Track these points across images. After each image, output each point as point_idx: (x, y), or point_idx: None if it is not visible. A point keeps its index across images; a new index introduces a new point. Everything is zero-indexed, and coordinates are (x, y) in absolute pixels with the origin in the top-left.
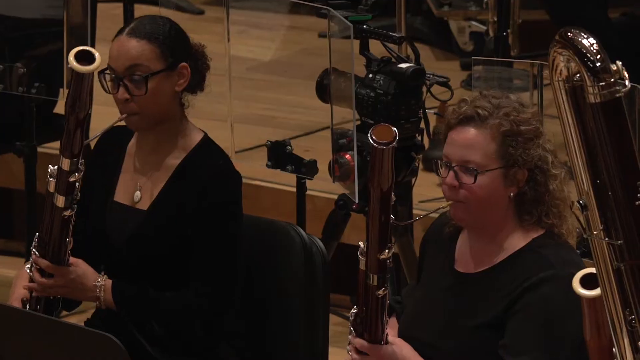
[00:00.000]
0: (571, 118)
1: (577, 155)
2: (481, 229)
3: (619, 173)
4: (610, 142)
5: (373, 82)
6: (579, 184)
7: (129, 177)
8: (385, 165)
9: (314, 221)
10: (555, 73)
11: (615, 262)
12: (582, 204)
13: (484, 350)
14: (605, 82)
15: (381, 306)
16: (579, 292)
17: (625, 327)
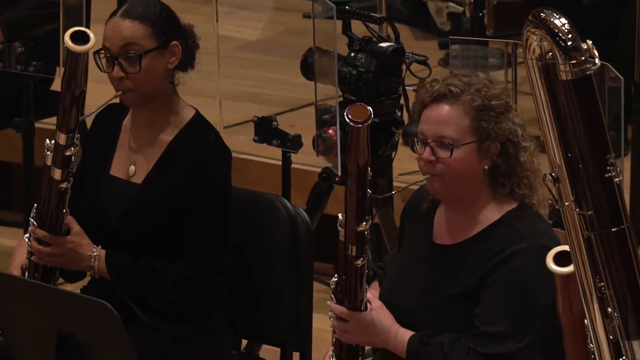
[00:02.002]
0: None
1: (549, 130)
2: (457, 202)
3: (589, 147)
4: (581, 117)
5: (355, 61)
6: (551, 157)
7: (124, 152)
8: (362, 142)
9: (299, 193)
10: (529, 52)
11: (585, 232)
12: (554, 177)
13: (459, 319)
14: (576, 60)
15: (360, 275)
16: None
17: (596, 293)
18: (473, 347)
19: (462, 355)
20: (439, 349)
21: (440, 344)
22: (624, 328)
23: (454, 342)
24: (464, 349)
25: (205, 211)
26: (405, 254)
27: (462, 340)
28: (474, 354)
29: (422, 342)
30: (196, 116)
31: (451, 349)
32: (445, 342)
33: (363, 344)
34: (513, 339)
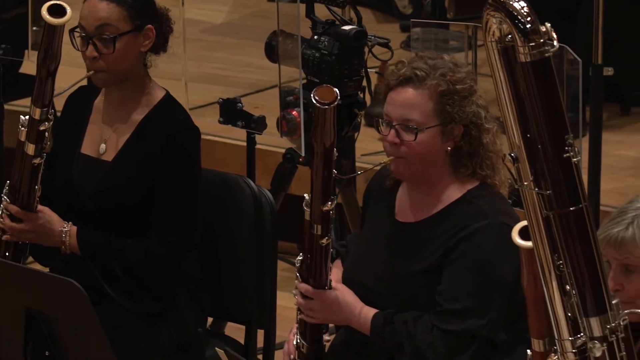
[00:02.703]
0: (503, 76)
1: (508, 111)
2: (420, 182)
3: (547, 127)
4: (539, 98)
5: (318, 43)
6: (511, 137)
7: (95, 130)
8: (328, 123)
9: (263, 174)
10: (489, 34)
11: (544, 211)
12: (514, 157)
13: (422, 296)
14: (535, 42)
15: (325, 254)
16: (517, 243)
17: (554, 271)
18: (436, 324)
19: (425, 332)
20: (402, 326)
21: (404, 321)
22: (582, 305)
23: (417, 320)
24: (427, 326)
25: (174, 189)
26: (368, 233)
27: (425, 318)
28: (437, 331)
29: (386, 319)
30: (166, 96)
31: (415, 327)
32: (409, 319)
33: (327, 322)
34: (475, 316)
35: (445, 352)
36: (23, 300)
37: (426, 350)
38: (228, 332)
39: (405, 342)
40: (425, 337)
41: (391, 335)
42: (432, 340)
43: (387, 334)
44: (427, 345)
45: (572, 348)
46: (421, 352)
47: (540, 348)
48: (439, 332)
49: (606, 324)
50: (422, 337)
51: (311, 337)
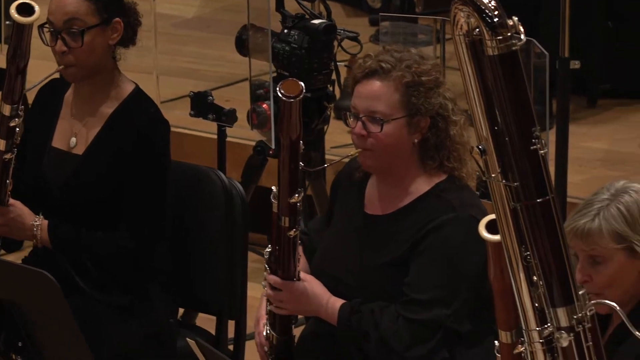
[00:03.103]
0: (471, 70)
1: (476, 104)
2: (388, 174)
3: (515, 120)
4: (507, 91)
5: (288, 37)
6: (478, 130)
7: (66, 124)
8: (294, 116)
9: (234, 166)
10: (457, 28)
11: (512, 203)
12: (482, 149)
13: (389, 287)
14: (502, 36)
15: (293, 246)
16: (484, 237)
17: (521, 262)
18: (402, 313)
19: (391, 321)
20: (369, 315)
21: (371, 310)
22: (549, 296)
23: (383, 309)
24: (393, 315)
25: (144, 182)
26: (337, 225)
27: (392, 307)
28: (403, 320)
29: (353, 309)
30: (136, 90)
31: (381, 316)
32: (376, 309)
33: (296, 313)
34: (440, 306)
35: (410, 341)
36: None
37: (391, 338)
38: (199, 323)
39: (371, 331)
40: (391, 325)
41: (358, 324)
42: (397, 329)
43: (354, 322)
44: (392, 334)
45: (539, 338)
46: (386, 340)
47: (508, 340)
48: (404, 321)
49: (573, 315)
50: (387, 326)
51: (280, 328)
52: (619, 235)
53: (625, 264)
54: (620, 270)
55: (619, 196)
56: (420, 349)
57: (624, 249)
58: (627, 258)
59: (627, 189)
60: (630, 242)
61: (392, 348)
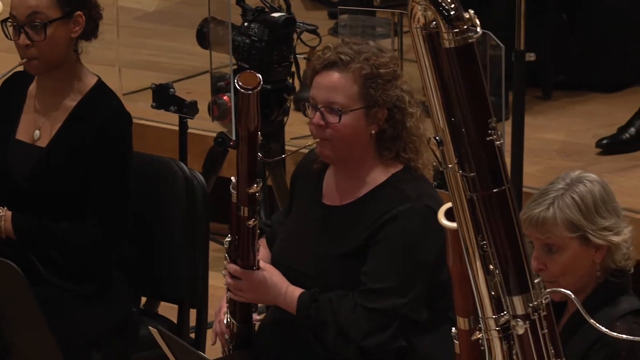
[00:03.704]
0: (428, 62)
1: (433, 96)
2: (346, 165)
3: (471, 111)
4: (463, 83)
5: (248, 30)
6: (435, 121)
7: (29, 117)
8: (252, 108)
9: (195, 157)
10: (414, 21)
11: (468, 193)
12: (438, 140)
13: (347, 277)
14: (458, 28)
15: (252, 235)
16: (443, 224)
17: (478, 251)
18: (359, 302)
19: (349, 310)
20: (327, 304)
21: (329, 300)
22: (505, 284)
23: (341, 298)
24: (351, 304)
25: (107, 173)
26: (295, 215)
27: (350, 296)
28: (360, 309)
29: (312, 298)
30: (98, 83)
31: (339, 305)
32: (334, 298)
33: (255, 301)
34: (397, 295)
35: (367, 329)
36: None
37: (349, 327)
38: (161, 312)
39: (329, 320)
40: (349, 314)
41: (316, 313)
42: (355, 318)
43: (313, 312)
44: (350, 323)
45: (495, 326)
46: (344, 329)
47: (465, 326)
48: (362, 310)
49: (529, 303)
50: (345, 315)
51: (241, 316)
52: (573, 224)
53: (580, 253)
54: (575, 259)
55: (574, 186)
56: (378, 337)
57: (578, 237)
58: (581, 247)
59: (582, 179)
60: (584, 231)
61: (350, 337)
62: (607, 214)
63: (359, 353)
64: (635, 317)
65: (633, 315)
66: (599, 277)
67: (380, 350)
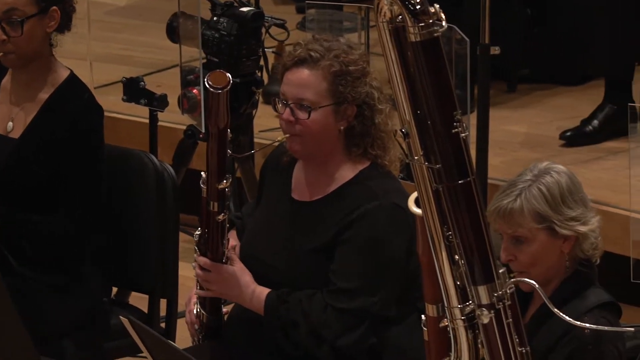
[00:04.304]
0: (394, 55)
1: (399, 89)
2: (315, 160)
3: (437, 104)
4: (429, 76)
5: (217, 24)
6: (402, 114)
7: (3, 109)
8: (221, 106)
9: (165, 149)
10: (380, 15)
11: (434, 184)
12: (404, 132)
13: (315, 273)
14: (424, 23)
15: (221, 229)
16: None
17: (444, 242)
18: (329, 302)
19: (319, 310)
20: (298, 305)
21: (299, 300)
22: (470, 274)
23: (311, 298)
24: (322, 304)
25: (79, 166)
26: (265, 209)
27: (319, 296)
28: (331, 310)
29: (280, 298)
30: (71, 76)
31: (309, 306)
32: (304, 298)
33: (222, 296)
34: (366, 294)
35: (339, 330)
36: None
37: (321, 328)
38: (132, 302)
39: (300, 320)
40: (320, 315)
41: (286, 314)
42: (326, 318)
43: (282, 312)
44: (321, 324)
45: (461, 315)
46: (316, 330)
47: (434, 313)
48: (333, 311)
49: (493, 292)
50: (316, 316)
51: (210, 307)
52: (540, 215)
53: (548, 243)
54: (543, 249)
55: (541, 177)
56: (349, 337)
57: (545, 228)
58: (549, 237)
59: (549, 170)
60: (551, 221)
61: (322, 337)
62: (574, 204)
63: (331, 353)
64: (602, 311)
65: (600, 309)
66: (568, 267)
67: (353, 349)
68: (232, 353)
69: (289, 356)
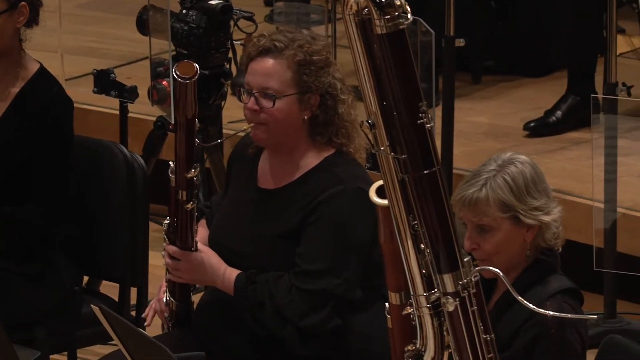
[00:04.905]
0: (361, 48)
1: (366, 81)
2: (280, 149)
3: (402, 96)
4: (395, 68)
5: (187, 17)
6: (368, 105)
7: None
8: (189, 96)
9: (135, 140)
10: (346, 8)
11: (400, 174)
12: (371, 123)
13: (282, 258)
14: (390, 15)
15: (190, 218)
16: (375, 201)
17: (409, 231)
18: (295, 283)
19: (285, 291)
20: (264, 286)
21: (266, 281)
22: (436, 263)
23: (277, 280)
24: (287, 285)
25: (49, 157)
26: (232, 198)
27: (285, 277)
28: (296, 290)
29: (249, 279)
30: (40, 69)
31: (275, 286)
32: (270, 279)
33: (193, 282)
34: (331, 275)
35: (303, 310)
36: None
37: (286, 308)
38: (103, 290)
39: (266, 301)
40: (285, 296)
41: (253, 295)
42: (292, 299)
43: (250, 293)
44: (286, 304)
45: (426, 303)
46: (281, 310)
47: (397, 301)
48: (298, 291)
49: (458, 280)
50: (282, 296)
51: (180, 295)
52: (505, 205)
53: (511, 232)
54: (507, 238)
55: (505, 167)
56: (314, 318)
57: (510, 217)
58: (513, 226)
59: (513, 160)
60: (515, 211)
61: (287, 317)
62: (537, 194)
63: (296, 333)
64: (564, 297)
65: (562, 295)
66: (529, 255)
67: (317, 330)
68: (201, 340)
69: (257, 337)
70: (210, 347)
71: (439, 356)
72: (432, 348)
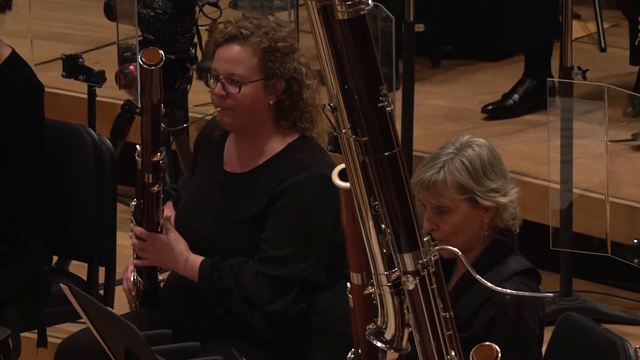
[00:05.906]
0: (322, 33)
1: (328, 65)
2: (245, 133)
3: (363, 79)
4: (356, 53)
5: (153, 3)
6: (330, 89)
7: None
8: (155, 82)
9: (103, 123)
10: None
11: (361, 156)
12: (333, 106)
13: (247, 242)
14: (351, 1)
15: (156, 200)
16: (337, 184)
17: (370, 211)
18: (260, 269)
19: (251, 277)
20: (229, 272)
21: (231, 267)
22: (396, 242)
23: (242, 266)
24: (253, 271)
25: (21, 140)
26: (198, 180)
27: (251, 263)
28: (262, 276)
29: (214, 266)
30: (12, 54)
31: (241, 272)
32: (235, 266)
33: (157, 264)
34: (296, 261)
35: (269, 296)
36: None
37: (252, 294)
38: (72, 270)
39: (233, 287)
40: (251, 282)
41: (219, 281)
42: (258, 284)
43: (215, 279)
44: (253, 290)
45: (387, 282)
46: (248, 296)
47: (359, 281)
48: (264, 277)
49: (418, 260)
50: (248, 282)
51: (147, 275)
52: (462, 187)
53: (469, 214)
54: (465, 219)
55: (463, 150)
56: (280, 303)
57: (467, 199)
58: (471, 208)
59: (471, 143)
60: (472, 193)
61: (253, 303)
62: (494, 176)
63: (263, 318)
64: (522, 278)
65: (520, 276)
66: (487, 236)
67: (283, 314)
68: (168, 319)
69: (223, 322)
70: (177, 325)
71: (399, 333)
72: (392, 326)
